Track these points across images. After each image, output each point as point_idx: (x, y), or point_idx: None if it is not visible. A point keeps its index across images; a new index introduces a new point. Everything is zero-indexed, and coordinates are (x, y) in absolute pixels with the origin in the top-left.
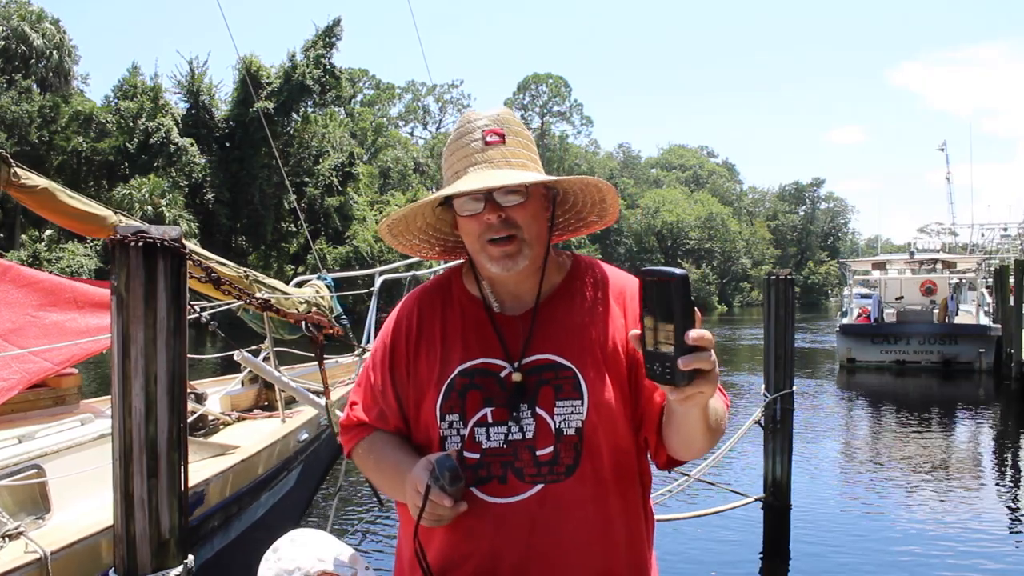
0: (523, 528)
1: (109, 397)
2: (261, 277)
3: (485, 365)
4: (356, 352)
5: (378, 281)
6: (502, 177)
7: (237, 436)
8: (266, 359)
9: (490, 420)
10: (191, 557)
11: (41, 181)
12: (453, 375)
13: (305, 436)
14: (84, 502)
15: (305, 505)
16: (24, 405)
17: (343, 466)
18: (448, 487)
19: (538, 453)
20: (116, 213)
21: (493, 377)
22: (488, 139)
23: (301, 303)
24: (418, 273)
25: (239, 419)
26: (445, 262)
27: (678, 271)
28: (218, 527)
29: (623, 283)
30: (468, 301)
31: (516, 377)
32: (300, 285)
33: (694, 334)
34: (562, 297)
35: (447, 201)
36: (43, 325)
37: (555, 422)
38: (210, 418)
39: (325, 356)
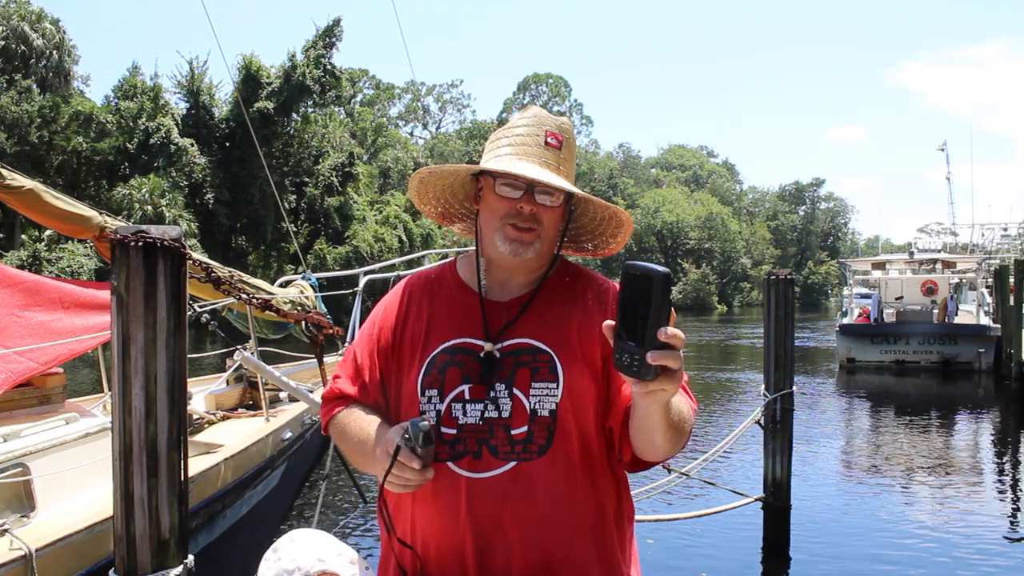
0: (495, 503)
1: (94, 396)
2: (246, 277)
3: (466, 344)
4: (340, 351)
5: (362, 281)
6: (554, 178)
7: (221, 435)
8: None
9: (467, 397)
10: (191, 557)
11: (26, 182)
12: (436, 352)
13: (289, 435)
14: (69, 500)
15: (289, 503)
16: (9, 404)
17: (328, 464)
18: (419, 448)
19: (513, 432)
20: (101, 214)
21: (473, 355)
22: (549, 140)
23: (286, 303)
24: (403, 273)
25: (223, 418)
26: (429, 259)
27: (660, 269)
28: (202, 525)
29: (599, 283)
30: (458, 287)
31: (488, 347)
32: (285, 285)
33: (669, 331)
34: (547, 290)
35: (479, 174)
36: (28, 325)
37: (530, 402)
38: (195, 417)
39: (307, 356)
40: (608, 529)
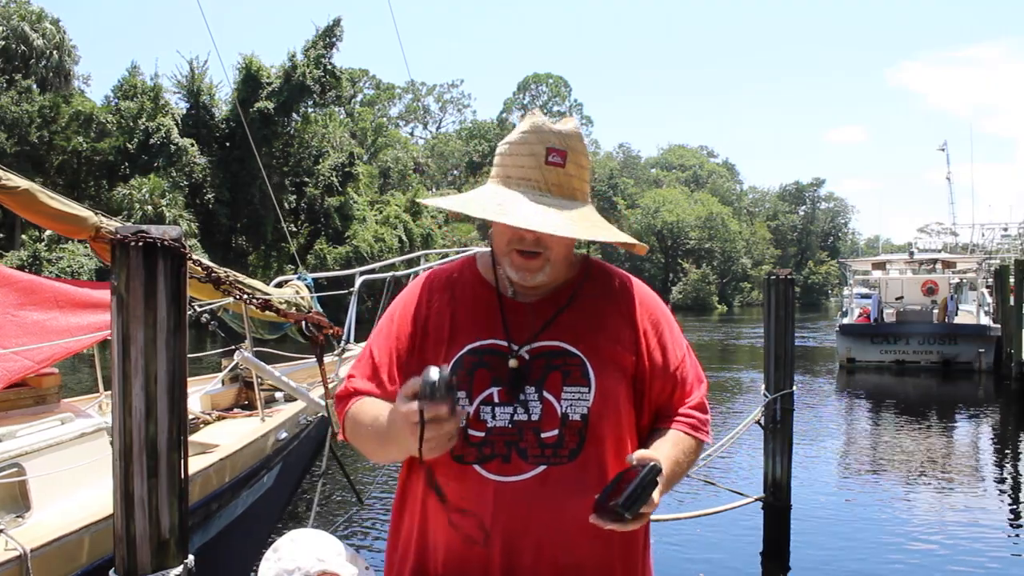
0: (522, 506)
1: (89, 396)
2: (241, 277)
3: (493, 346)
4: (336, 352)
5: (358, 281)
6: (549, 221)
7: (217, 435)
8: None
9: (496, 400)
10: (191, 557)
11: (22, 182)
12: (462, 353)
13: (284, 435)
14: (64, 500)
15: (285, 503)
16: (4, 404)
17: (324, 463)
18: (444, 396)
19: (543, 435)
20: (97, 214)
21: (501, 357)
22: (550, 158)
23: (282, 303)
24: (398, 274)
25: (219, 418)
26: (426, 259)
27: (653, 466)
28: (197, 525)
29: (629, 283)
30: (480, 285)
31: (512, 363)
32: (280, 286)
33: (652, 504)
34: (575, 291)
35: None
36: (23, 324)
37: (561, 406)
38: (190, 417)
39: (302, 356)
40: (635, 536)
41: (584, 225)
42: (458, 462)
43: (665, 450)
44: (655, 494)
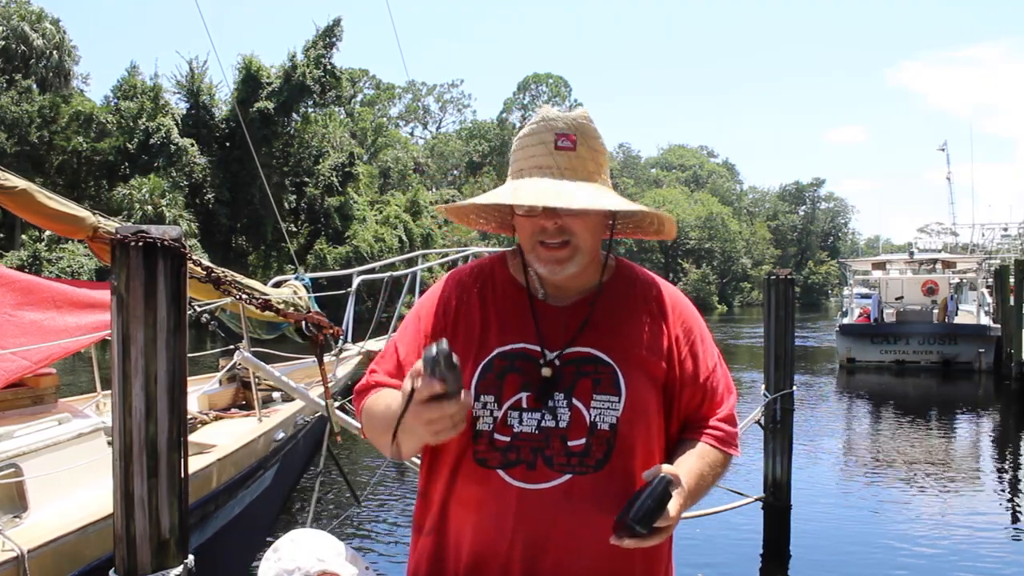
0: (546, 516)
1: (86, 396)
2: (239, 277)
3: (524, 350)
4: (333, 352)
5: (356, 281)
6: (560, 195)
7: (214, 435)
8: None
9: (525, 405)
10: (191, 557)
11: (19, 182)
12: (491, 356)
13: (282, 435)
14: (61, 501)
15: (282, 504)
16: (2, 404)
17: (321, 464)
18: (444, 371)
19: (570, 443)
20: (95, 214)
21: (533, 363)
22: (559, 143)
23: (280, 303)
24: (395, 274)
25: (216, 418)
26: (424, 259)
27: (664, 477)
28: (194, 525)
29: (663, 291)
30: (510, 286)
31: (545, 372)
32: (278, 286)
33: (670, 518)
34: (607, 296)
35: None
36: (21, 324)
37: (590, 415)
38: (187, 417)
39: (300, 356)
40: (657, 549)
41: (602, 197)
42: (481, 465)
43: (689, 463)
44: (671, 508)
